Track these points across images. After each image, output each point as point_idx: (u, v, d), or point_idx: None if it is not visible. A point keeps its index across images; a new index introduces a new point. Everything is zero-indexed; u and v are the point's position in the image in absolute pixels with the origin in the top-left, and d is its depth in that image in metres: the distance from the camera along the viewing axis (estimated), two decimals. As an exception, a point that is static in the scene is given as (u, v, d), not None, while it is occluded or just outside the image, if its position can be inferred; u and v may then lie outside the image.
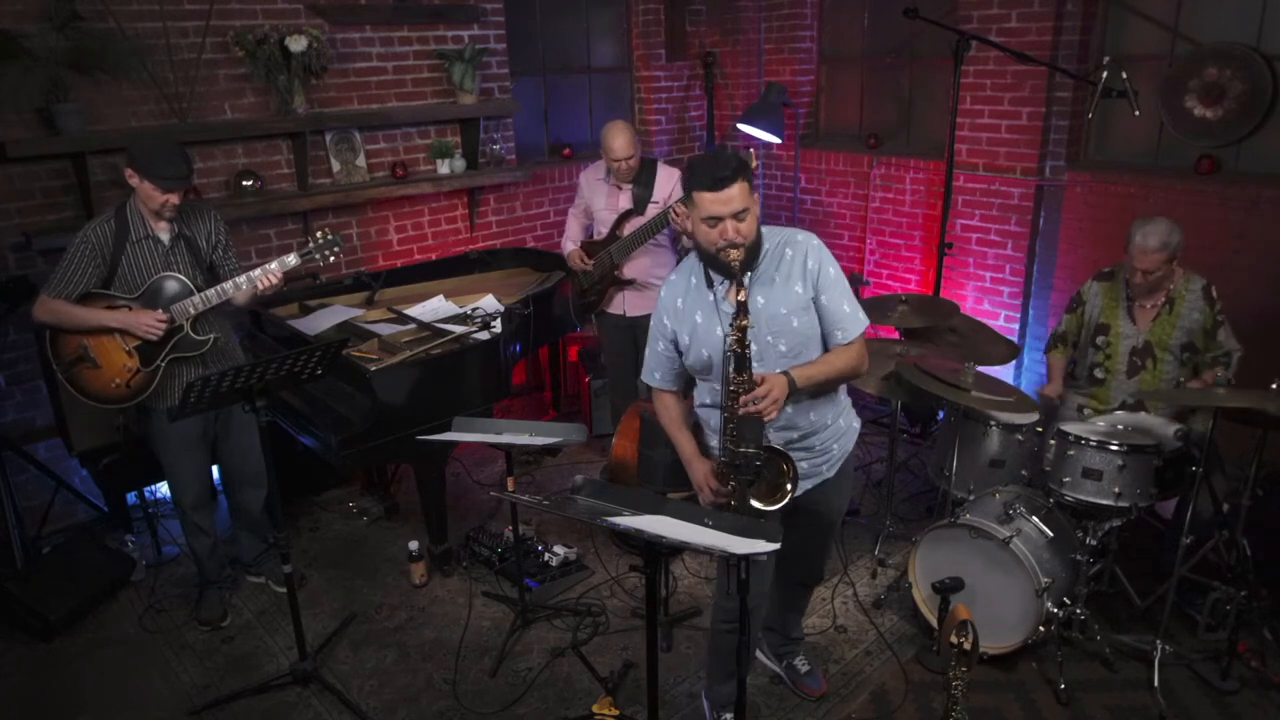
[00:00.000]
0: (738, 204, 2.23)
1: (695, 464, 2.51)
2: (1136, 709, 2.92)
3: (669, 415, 2.60)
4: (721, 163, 2.24)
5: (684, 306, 2.44)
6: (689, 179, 2.31)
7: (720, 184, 2.21)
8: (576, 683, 3.12)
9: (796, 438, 2.46)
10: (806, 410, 2.44)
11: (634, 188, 3.95)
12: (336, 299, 4.29)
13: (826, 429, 2.51)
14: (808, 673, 3.04)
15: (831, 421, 2.53)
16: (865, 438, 4.89)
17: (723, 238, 2.24)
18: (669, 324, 2.49)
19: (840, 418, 2.57)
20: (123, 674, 3.23)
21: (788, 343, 2.36)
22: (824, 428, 2.51)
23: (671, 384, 2.59)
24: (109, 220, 3.04)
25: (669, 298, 2.49)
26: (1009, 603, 3.00)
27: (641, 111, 5.95)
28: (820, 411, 2.48)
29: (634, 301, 4.06)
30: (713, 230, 2.26)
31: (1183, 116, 4.12)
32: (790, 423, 2.42)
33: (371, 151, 4.72)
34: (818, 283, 2.36)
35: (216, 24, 4.08)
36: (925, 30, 4.58)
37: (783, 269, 2.37)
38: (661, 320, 2.51)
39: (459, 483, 4.49)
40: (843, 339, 2.40)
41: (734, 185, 2.22)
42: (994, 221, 4.83)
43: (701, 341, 2.41)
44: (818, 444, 2.51)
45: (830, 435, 2.53)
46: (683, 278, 2.47)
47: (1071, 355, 3.69)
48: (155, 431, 3.27)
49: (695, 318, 2.42)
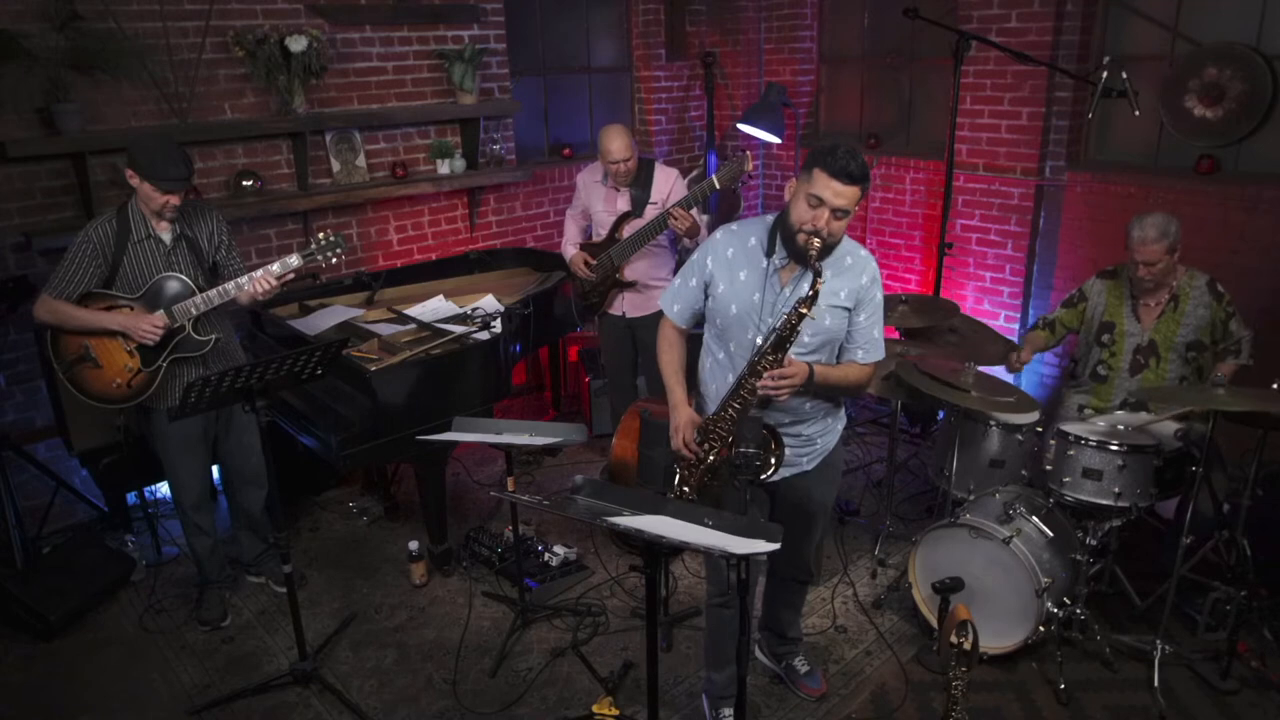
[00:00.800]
0: (846, 202, 2.23)
1: (681, 409, 2.52)
2: (1136, 709, 2.92)
3: (669, 354, 2.62)
4: (856, 160, 2.22)
5: (732, 258, 2.45)
6: (818, 153, 2.26)
7: (848, 178, 2.21)
8: (576, 683, 3.12)
9: (786, 421, 2.49)
10: (805, 399, 2.47)
11: (632, 189, 3.95)
12: (336, 299, 4.29)
13: (815, 421, 2.55)
14: (807, 673, 3.04)
15: (822, 416, 2.56)
16: (865, 438, 4.95)
17: (815, 223, 2.24)
18: (709, 265, 2.48)
19: (829, 415, 2.60)
20: (123, 674, 3.23)
21: (812, 335, 2.39)
22: (813, 419, 2.54)
23: (686, 321, 2.61)
24: (110, 220, 3.04)
25: (722, 243, 2.47)
26: (1009, 603, 3.00)
27: (641, 111, 5.95)
28: (816, 403, 2.52)
29: (633, 303, 4.06)
30: (809, 211, 2.25)
31: (1183, 116, 4.12)
32: (791, 407, 2.45)
33: (371, 151, 4.72)
34: (862, 300, 2.41)
35: (216, 24, 4.08)
36: (925, 30, 4.59)
37: (838, 270, 2.40)
38: (705, 260, 2.50)
39: (459, 483, 4.49)
40: (862, 359, 2.47)
41: (857, 185, 2.22)
42: (994, 221, 4.83)
43: (735, 297, 2.42)
44: (803, 432, 2.54)
45: (818, 429, 2.57)
46: (745, 232, 2.46)
47: (1073, 355, 3.69)
48: (156, 431, 3.27)
49: (740, 274, 2.43)
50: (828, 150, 2.24)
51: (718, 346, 2.54)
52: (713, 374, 2.57)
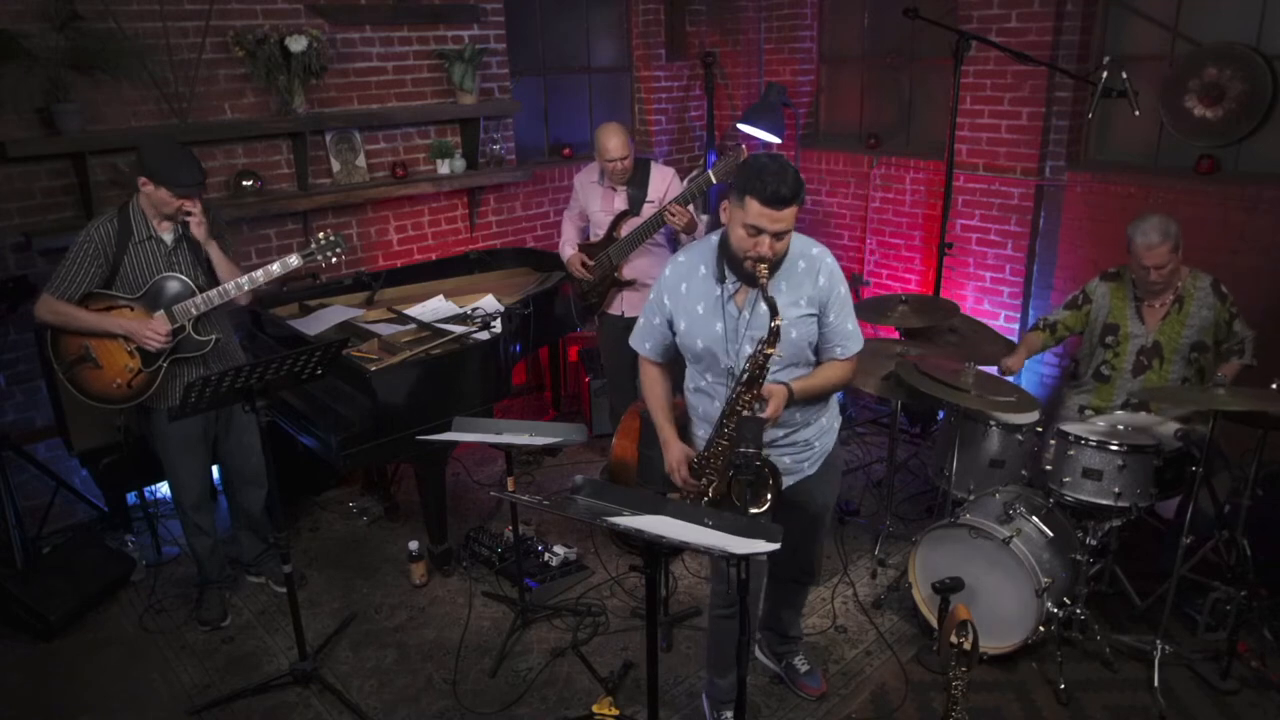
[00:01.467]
0: (785, 225, 2.20)
1: (673, 446, 2.50)
2: (1136, 709, 2.92)
3: (654, 392, 2.61)
4: (787, 180, 2.15)
5: (686, 293, 2.43)
6: (746, 178, 2.20)
7: (780, 203, 2.16)
8: (576, 683, 3.12)
9: (781, 436, 2.48)
10: (794, 410, 2.46)
11: (629, 188, 3.95)
12: (336, 299, 4.29)
13: (809, 426, 2.54)
14: (807, 672, 3.04)
15: (815, 419, 2.55)
16: (865, 438, 4.95)
17: (758, 250, 2.21)
18: (668, 303, 2.47)
19: (824, 416, 2.59)
20: (123, 674, 3.23)
21: (784, 352, 2.36)
22: (807, 425, 2.53)
23: (659, 356, 2.59)
24: (111, 220, 3.04)
25: (673, 278, 2.46)
26: (1009, 603, 3.00)
27: (641, 111, 5.96)
28: (806, 411, 2.51)
29: (633, 302, 4.06)
30: (749, 239, 2.22)
31: (1183, 116, 4.12)
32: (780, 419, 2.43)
33: (371, 151, 4.72)
34: (827, 302, 2.38)
35: (216, 24, 4.08)
36: (925, 30, 4.58)
37: (793, 280, 2.36)
38: (661, 298, 2.49)
39: (459, 483, 4.49)
40: (841, 354, 2.45)
41: (790, 206, 2.18)
42: (994, 221, 4.83)
43: (698, 333, 2.41)
44: (800, 439, 2.53)
45: (814, 432, 2.56)
46: (691, 261, 2.43)
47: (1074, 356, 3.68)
48: (156, 431, 3.26)
49: (697, 308, 2.41)
50: (755, 174, 2.17)
51: (697, 375, 2.53)
52: (698, 398, 2.55)
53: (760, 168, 2.18)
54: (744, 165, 2.27)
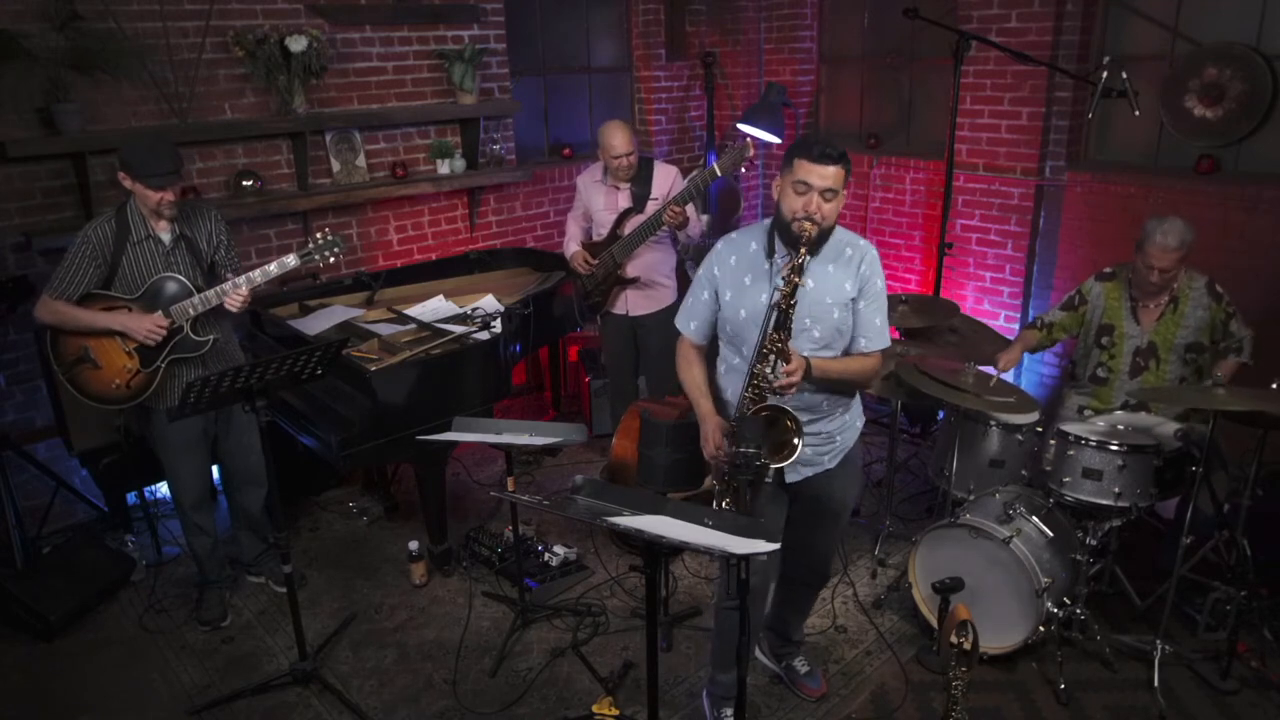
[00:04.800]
0: (831, 182, 2.29)
1: (710, 419, 2.53)
2: (1136, 709, 2.92)
3: (691, 372, 2.64)
4: (832, 143, 2.30)
5: (736, 265, 2.49)
6: (794, 147, 2.34)
7: (825, 158, 2.27)
8: (576, 683, 3.12)
9: (806, 420, 2.48)
10: (822, 397, 2.49)
11: (632, 186, 3.95)
12: (336, 299, 4.29)
13: (835, 419, 2.56)
14: (807, 673, 3.04)
15: (842, 413, 2.58)
16: (865, 438, 4.91)
17: (805, 209, 2.29)
18: (716, 274, 2.53)
19: (848, 412, 2.61)
20: (123, 674, 3.23)
21: (822, 330, 2.42)
22: (833, 416, 2.55)
23: (703, 338, 2.64)
24: (109, 220, 3.04)
25: (725, 251, 2.53)
26: (1009, 603, 3.00)
27: (641, 111, 5.95)
28: (833, 401, 2.53)
29: (636, 301, 4.06)
30: (798, 198, 2.30)
31: (1183, 116, 4.12)
32: (806, 404, 2.46)
33: (371, 151, 4.72)
34: (864, 289, 2.44)
35: (216, 24, 4.08)
36: (925, 30, 4.58)
37: (839, 263, 2.43)
38: (711, 269, 2.55)
39: (459, 483, 4.49)
40: (865, 347, 2.48)
41: (836, 165, 2.28)
42: (994, 221, 4.83)
43: (742, 301, 2.46)
44: (823, 430, 2.54)
45: (837, 426, 2.58)
46: (744, 239, 2.51)
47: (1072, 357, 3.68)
48: (156, 431, 3.26)
49: (744, 279, 2.47)
50: (802, 141, 2.32)
51: (731, 352, 2.57)
52: (729, 379, 2.59)
53: (807, 136, 2.33)
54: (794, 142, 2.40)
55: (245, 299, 3.10)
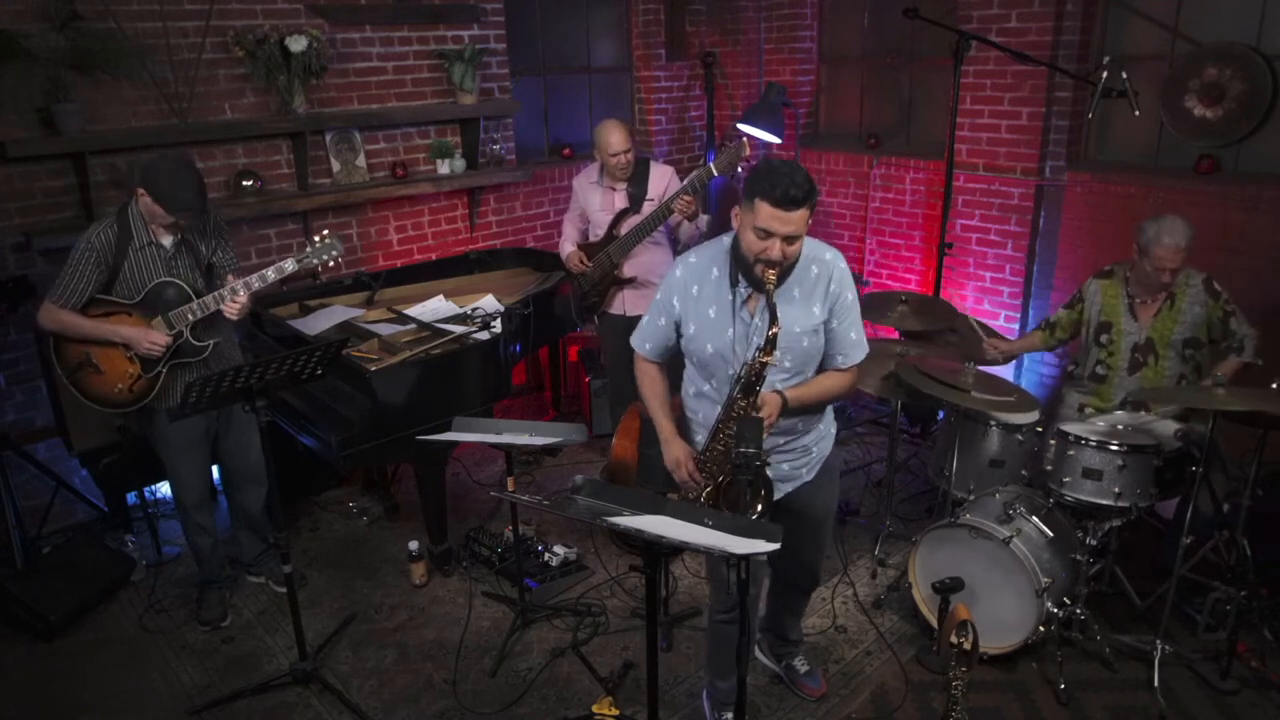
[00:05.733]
0: (795, 228, 2.15)
1: (673, 443, 2.45)
2: (1136, 709, 2.92)
3: (652, 390, 2.55)
4: (797, 182, 2.11)
5: (699, 295, 2.38)
6: (755, 181, 2.16)
7: (790, 204, 2.11)
8: (576, 683, 3.12)
9: (782, 442, 2.46)
10: (796, 419, 2.43)
11: (628, 186, 3.95)
12: (336, 299, 4.29)
13: (809, 433, 2.52)
14: (807, 673, 3.04)
15: (814, 426, 2.53)
16: (865, 438, 4.95)
17: (768, 254, 2.17)
18: (677, 305, 2.42)
19: (821, 422, 2.56)
20: (123, 674, 3.23)
21: (793, 360, 2.34)
22: (806, 431, 2.51)
23: (659, 357, 2.55)
24: (111, 226, 3.03)
25: (684, 279, 2.40)
26: (1009, 603, 3.00)
27: (641, 111, 5.95)
28: (808, 420, 2.49)
29: (633, 301, 4.06)
30: (759, 242, 2.17)
31: (1183, 116, 4.12)
32: (781, 427, 2.41)
33: (371, 151, 4.72)
34: (835, 308, 2.34)
35: (216, 24, 4.08)
36: (925, 30, 4.58)
37: (805, 286, 2.32)
38: (670, 299, 2.43)
39: (459, 483, 4.49)
40: (842, 363, 2.41)
41: (800, 209, 2.13)
42: (994, 221, 4.83)
43: (708, 338, 2.37)
44: (799, 446, 2.50)
45: (812, 439, 2.53)
46: (703, 263, 2.38)
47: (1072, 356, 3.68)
48: (157, 431, 3.26)
49: (708, 312, 2.36)
50: (765, 176, 2.13)
51: (700, 379, 2.48)
52: (699, 402, 2.51)
53: (770, 170, 2.14)
54: (755, 168, 2.22)
55: (244, 307, 3.10)
